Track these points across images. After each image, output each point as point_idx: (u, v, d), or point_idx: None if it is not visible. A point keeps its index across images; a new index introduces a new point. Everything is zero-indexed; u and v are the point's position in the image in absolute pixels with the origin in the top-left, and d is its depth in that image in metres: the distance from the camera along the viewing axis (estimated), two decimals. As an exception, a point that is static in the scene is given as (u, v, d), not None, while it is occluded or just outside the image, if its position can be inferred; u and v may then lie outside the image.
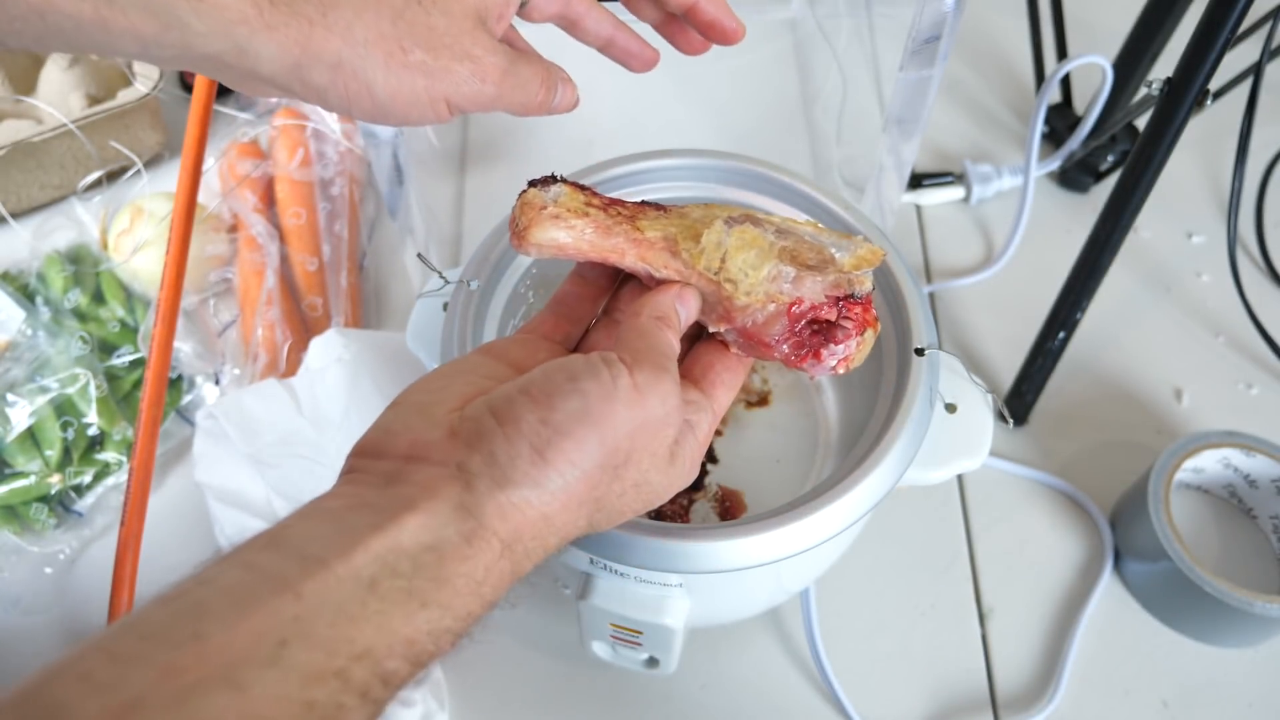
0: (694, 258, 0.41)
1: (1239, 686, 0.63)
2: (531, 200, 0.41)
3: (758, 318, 0.40)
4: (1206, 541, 0.68)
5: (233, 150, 0.81)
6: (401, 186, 0.67)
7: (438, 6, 0.38)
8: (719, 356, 0.41)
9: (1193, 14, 0.70)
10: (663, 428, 0.36)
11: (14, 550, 0.65)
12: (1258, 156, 0.86)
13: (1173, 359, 0.77)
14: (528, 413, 0.33)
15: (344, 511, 0.31)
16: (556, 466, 0.33)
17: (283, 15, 0.35)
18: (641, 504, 0.37)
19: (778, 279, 0.40)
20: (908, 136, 0.64)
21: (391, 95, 0.38)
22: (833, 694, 0.61)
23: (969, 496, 0.70)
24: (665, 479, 0.37)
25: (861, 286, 0.40)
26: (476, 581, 0.31)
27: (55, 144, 0.77)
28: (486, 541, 0.32)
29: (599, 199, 0.42)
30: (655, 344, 0.37)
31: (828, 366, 0.40)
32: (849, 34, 0.90)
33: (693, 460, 0.38)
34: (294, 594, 0.28)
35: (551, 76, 0.43)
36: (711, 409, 0.39)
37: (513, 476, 0.32)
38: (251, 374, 0.71)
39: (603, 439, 0.33)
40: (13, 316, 0.69)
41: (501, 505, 0.32)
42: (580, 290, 0.44)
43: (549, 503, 0.33)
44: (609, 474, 0.34)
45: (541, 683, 0.62)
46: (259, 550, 0.29)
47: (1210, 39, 0.51)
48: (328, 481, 0.66)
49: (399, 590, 0.29)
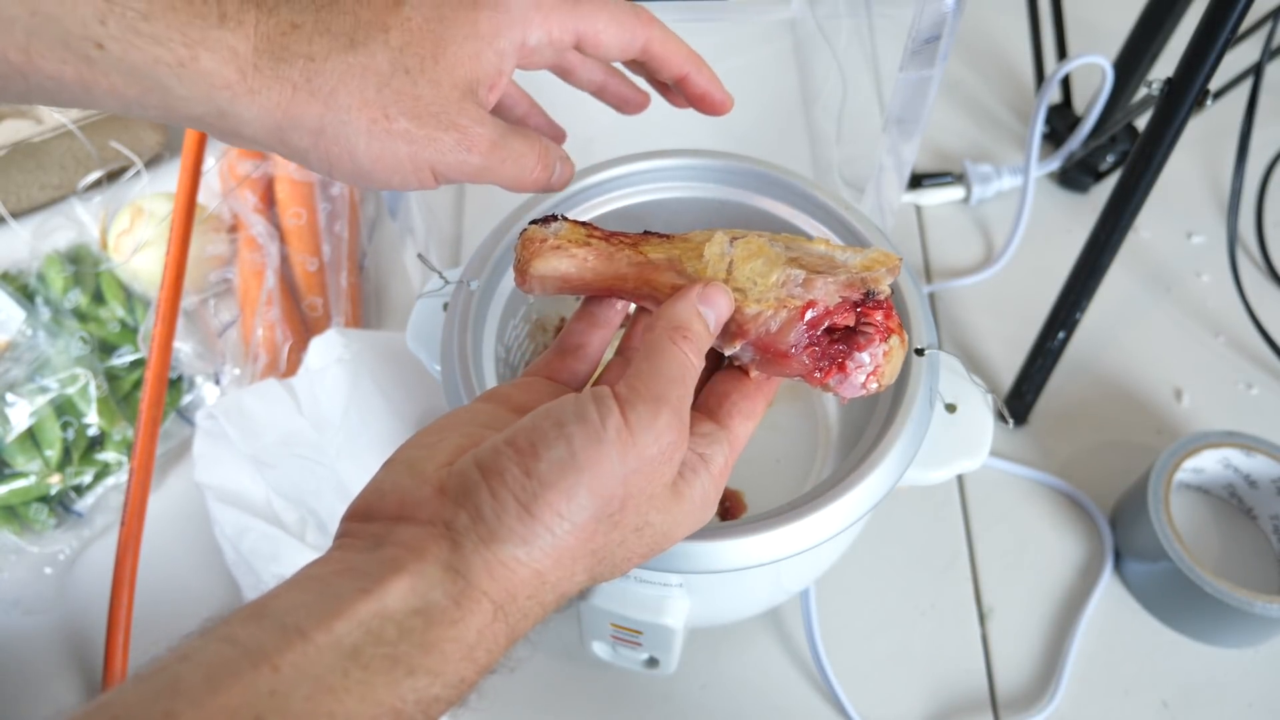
0: (700, 272, 0.39)
1: (1239, 686, 0.63)
2: (532, 235, 0.41)
3: (771, 326, 0.38)
4: (1206, 541, 0.68)
5: (233, 150, 0.81)
6: (401, 186, 0.67)
7: (425, 76, 0.37)
8: (735, 385, 0.39)
9: (1193, 14, 0.70)
10: (659, 467, 0.33)
11: (14, 550, 0.65)
12: (1258, 156, 0.86)
13: (1173, 359, 0.77)
14: (512, 464, 0.31)
15: (331, 578, 0.30)
16: (544, 521, 0.31)
17: (266, 80, 0.35)
18: (647, 548, 0.35)
19: (788, 283, 0.38)
20: (908, 136, 0.64)
21: (374, 161, 0.38)
22: (833, 694, 0.61)
23: (969, 496, 0.70)
24: (670, 519, 0.35)
25: (878, 285, 0.38)
26: (468, 645, 0.30)
27: (55, 144, 0.77)
28: (477, 603, 0.30)
29: (600, 231, 0.42)
30: (661, 368, 0.35)
31: (857, 383, 0.38)
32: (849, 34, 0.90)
33: (704, 497, 0.36)
34: (271, 667, 0.27)
35: (549, 155, 0.42)
36: (729, 441, 0.37)
37: (499, 533, 0.31)
38: (251, 374, 0.71)
39: (592, 488, 0.32)
40: (13, 316, 0.69)
41: (490, 564, 0.31)
42: (586, 325, 0.42)
43: (540, 559, 0.31)
44: (605, 524, 0.33)
45: (541, 683, 0.62)
46: (241, 622, 0.28)
47: (1210, 39, 0.51)
48: (328, 481, 0.66)
49: (383, 658, 0.28)
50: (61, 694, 0.61)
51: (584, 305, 0.43)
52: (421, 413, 0.66)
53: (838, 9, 0.90)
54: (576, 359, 0.41)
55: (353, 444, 0.63)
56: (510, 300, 0.55)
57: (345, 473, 0.62)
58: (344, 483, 0.62)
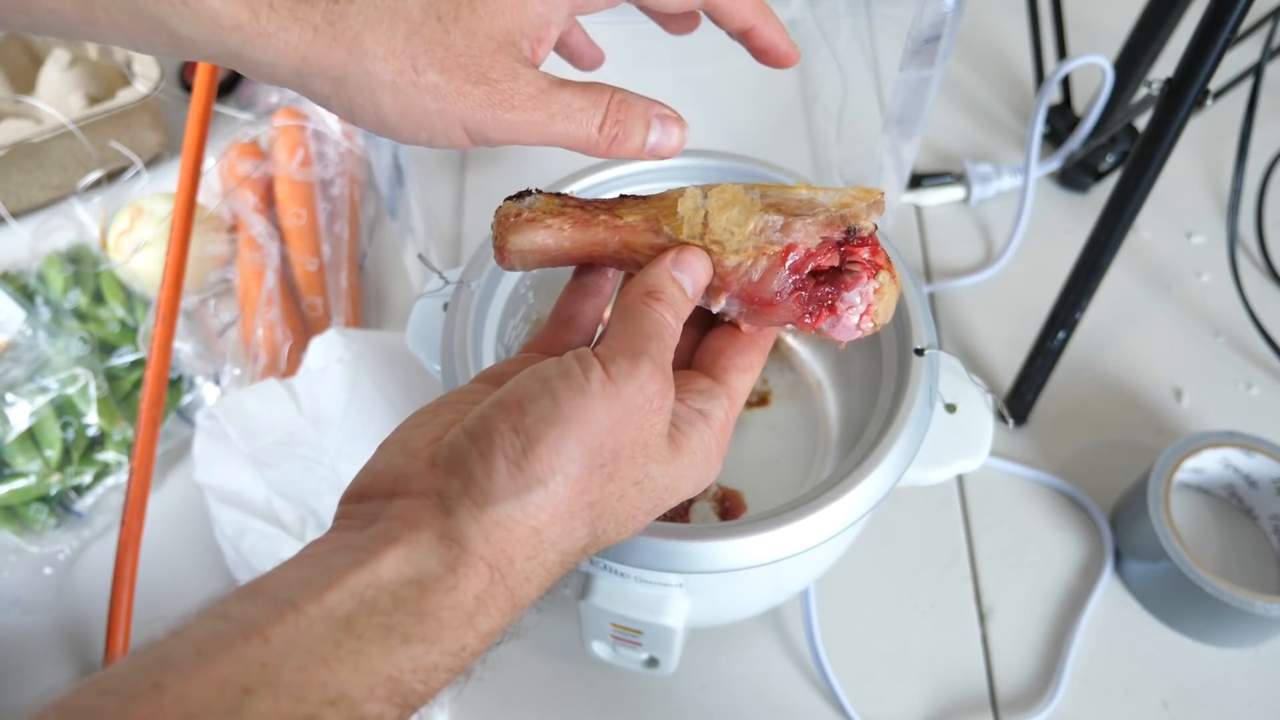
0: (676, 229, 0.38)
1: (1239, 686, 0.63)
2: (506, 211, 0.40)
3: (753, 275, 0.37)
4: (1206, 541, 0.68)
5: (233, 150, 0.81)
6: (401, 186, 0.67)
7: (460, 24, 0.35)
8: (729, 340, 0.39)
9: (1193, 14, 0.70)
10: (647, 416, 0.33)
11: (14, 550, 0.65)
12: (1258, 156, 0.86)
13: (1173, 359, 0.77)
14: (500, 423, 0.31)
15: (326, 554, 0.30)
16: (536, 474, 0.31)
17: (282, 21, 0.33)
18: (651, 503, 0.35)
19: (766, 229, 0.37)
20: (908, 136, 0.65)
21: (400, 116, 0.35)
22: (833, 694, 0.61)
23: (969, 496, 0.70)
24: (672, 471, 0.35)
25: (858, 222, 0.37)
26: (467, 612, 0.30)
27: (55, 144, 0.77)
28: (472, 568, 0.30)
29: (575, 199, 0.41)
30: (638, 326, 0.35)
31: (850, 324, 0.37)
32: (849, 34, 0.90)
33: (705, 450, 0.36)
34: (261, 639, 0.27)
35: (628, 110, 0.38)
36: (728, 395, 0.37)
37: (491, 493, 0.31)
38: (251, 374, 0.71)
39: (581, 438, 0.32)
40: (13, 316, 0.69)
41: (485, 526, 0.31)
42: (579, 297, 0.42)
43: (536, 515, 0.31)
44: (599, 475, 0.32)
45: (541, 683, 0.62)
46: (236, 600, 0.28)
47: (1210, 39, 0.51)
48: (328, 481, 0.66)
49: (377, 627, 0.28)
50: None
51: (574, 275, 0.42)
52: (421, 413, 0.66)
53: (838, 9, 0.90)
54: (570, 330, 0.41)
55: (353, 444, 0.63)
56: (510, 300, 0.55)
57: (345, 473, 0.62)
58: (344, 483, 0.62)
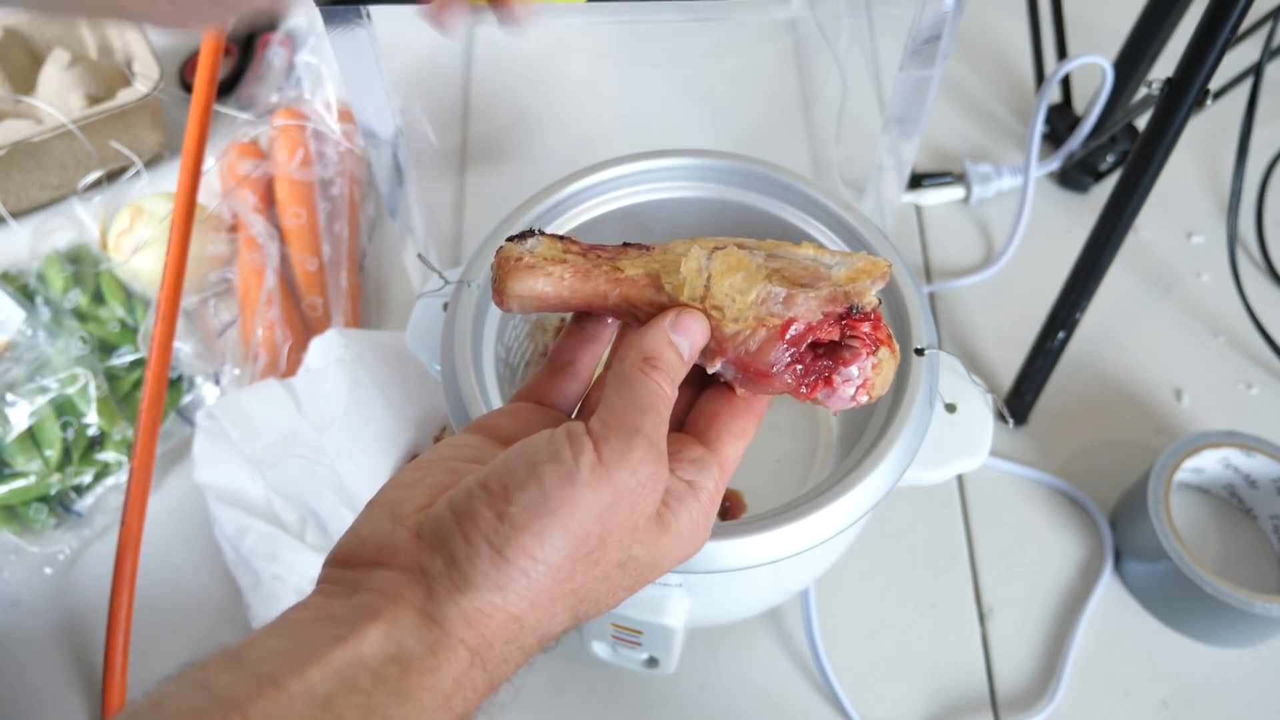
0: (677, 289, 0.38)
1: (1239, 686, 0.63)
2: (507, 253, 0.39)
3: (750, 345, 0.36)
4: (1206, 541, 0.68)
5: (233, 150, 0.81)
6: (401, 186, 0.67)
7: None
8: (724, 404, 0.38)
9: (1193, 14, 0.70)
10: (638, 500, 0.32)
11: (14, 550, 0.65)
12: (1258, 156, 0.86)
13: (1173, 359, 0.77)
14: (484, 508, 0.31)
15: (310, 624, 0.30)
16: (518, 564, 0.30)
17: None
18: (632, 580, 0.34)
19: (767, 300, 0.37)
20: (908, 136, 0.65)
21: None
22: (833, 694, 0.61)
23: (969, 496, 0.70)
24: (657, 550, 0.34)
25: (861, 299, 0.36)
26: (445, 694, 0.30)
27: (55, 144, 0.77)
28: (453, 650, 0.30)
29: (578, 245, 0.41)
30: (634, 398, 0.33)
31: (845, 396, 0.37)
32: (849, 34, 0.90)
33: (693, 526, 0.35)
34: (241, 715, 0.26)
35: None
36: (718, 465, 0.36)
37: (473, 579, 0.30)
38: (251, 374, 0.71)
39: (567, 527, 0.31)
40: (13, 316, 0.69)
41: (465, 611, 0.30)
42: (578, 343, 0.41)
43: (516, 604, 0.31)
44: (583, 562, 0.32)
45: (541, 683, 0.62)
46: (217, 668, 0.28)
47: (1210, 39, 0.51)
48: (328, 481, 0.66)
49: (356, 707, 0.28)
50: (61, 693, 0.62)
51: (574, 320, 0.42)
52: (421, 412, 0.66)
53: (838, 9, 0.90)
54: (567, 377, 0.40)
55: (353, 444, 0.63)
56: (510, 300, 0.55)
57: (345, 473, 0.62)
58: (344, 483, 0.62)
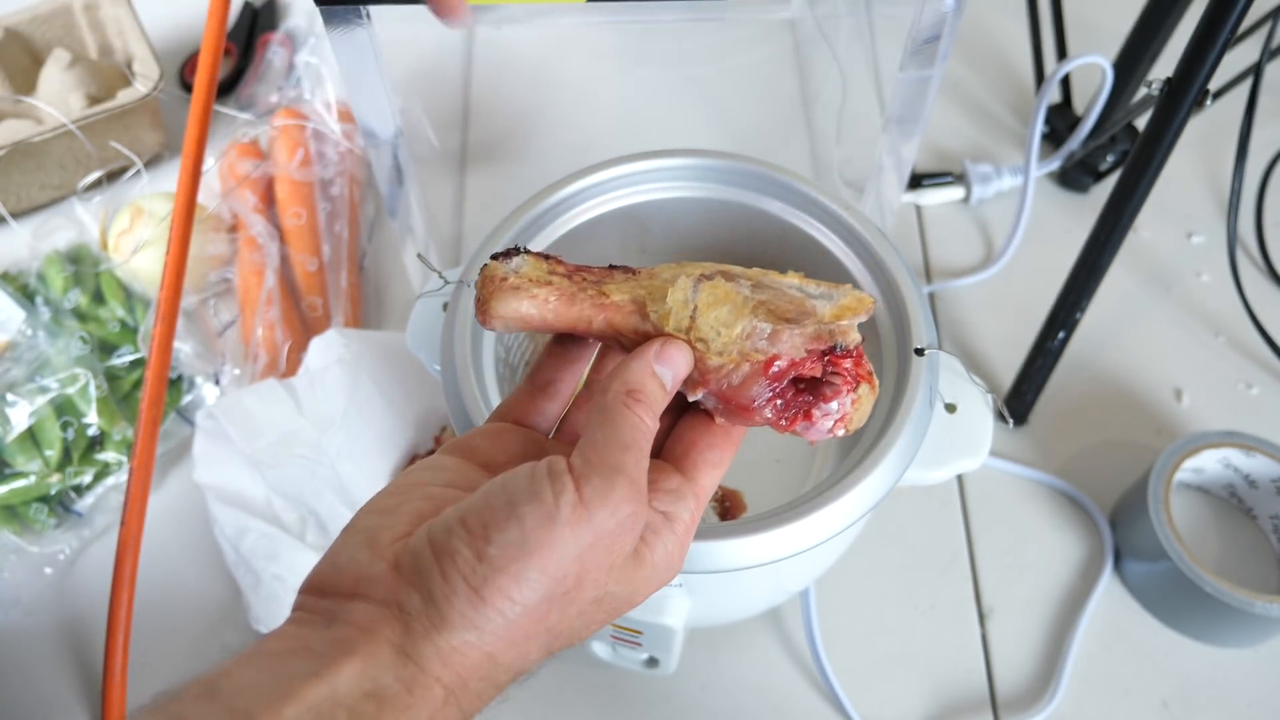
0: (662, 318, 0.38)
1: (1239, 686, 0.63)
2: (492, 272, 0.39)
3: (733, 379, 0.37)
4: (1206, 541, 0.68)
5: (233, 150, 0.81)
6: (401, 186, 0.67)
7: None
8: (703, 433, 0.38)
9: (1193, 14, 0.70)
10: (617, 540, 0.32)
11: (14, 550, 0.65)
12: (1258, 156, 0.86)
13: (1173, 359, 0.77)
14: (463, 546, 0.31)
15: (284, 656, 0.29)
16: (495, 605, 0.30)
17: None
18: (607, 614, 0.34)
19: (752, 336, 0.37)
20: (908, 136, 0.64)
21: None
22: (833, 694, 0.61)
23: (969, 496, 0.70)
24: (631, 586, 0.34)
25: (845, 338, 0.37)
26: None
27: (55, 144, 0.77)
28: (429, 689, 0.30)
29: (564, 266, 0.40)
30: (616, 433, 0.33)
31: (823, 429, 0.37)
32: (849, 34, 0.90)
33: (667, 558, 0.35)
34: None
35: None
36: (695, 494, 0.36)
37: (450, 618, 0.30)
38: (251, 374, 0.71)
39: (545, 569, 0.31)
40: (13, 316, 0.69)
41: (441, 650, 0.30)
42: (557, 362, 0.41)
43: (492, 643, 0.31)
44: (559, 602, 0.32)
45: (541, 683, 0.62)
46: (192, 700, 0.28)
47: (1210, 39, 0.51)
48: (328, 481, 0.66)
49: None
50: (61, 694, 0.62)
51: (555, 339, 0.42)
52: (421, 412, 0.66)
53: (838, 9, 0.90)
54: (547, 397, 0.40)
55: (353, 444, 0.63)
56: (510, 300, 0.55)
57: (345, 473, 0.62)
58: (344, 483, 0.62)
